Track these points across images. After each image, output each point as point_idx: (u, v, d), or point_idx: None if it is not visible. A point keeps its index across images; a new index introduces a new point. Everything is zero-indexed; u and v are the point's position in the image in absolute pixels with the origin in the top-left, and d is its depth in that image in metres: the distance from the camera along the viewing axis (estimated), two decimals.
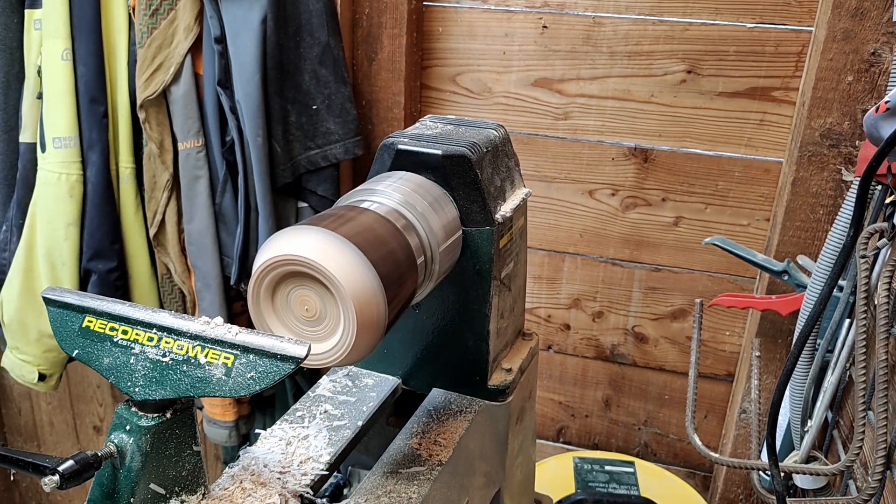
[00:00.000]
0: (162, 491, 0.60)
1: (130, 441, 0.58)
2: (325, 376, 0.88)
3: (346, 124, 1.49)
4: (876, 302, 1.04)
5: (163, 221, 1.50)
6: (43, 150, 1.42)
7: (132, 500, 0.58)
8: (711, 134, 1.52)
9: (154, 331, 0.58)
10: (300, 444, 0.75)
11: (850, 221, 1.00)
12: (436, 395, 0.85)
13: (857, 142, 1.32)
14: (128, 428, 0.58)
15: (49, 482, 0.54)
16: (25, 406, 2.16)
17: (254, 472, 0.68)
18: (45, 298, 0.63)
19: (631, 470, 1.52)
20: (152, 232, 1.50)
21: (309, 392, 0.85)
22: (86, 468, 0.56)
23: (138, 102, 1.41)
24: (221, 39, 1.38)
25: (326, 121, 1.47)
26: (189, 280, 1.55)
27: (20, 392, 2.14)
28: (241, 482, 0.66)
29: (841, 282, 1.21)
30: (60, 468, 0.54)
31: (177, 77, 1.41)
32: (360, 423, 0.79)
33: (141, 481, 0.58)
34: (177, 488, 0.61)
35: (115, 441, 0.58)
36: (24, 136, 1.47)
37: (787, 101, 1.46)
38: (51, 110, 1.40)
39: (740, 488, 1.62)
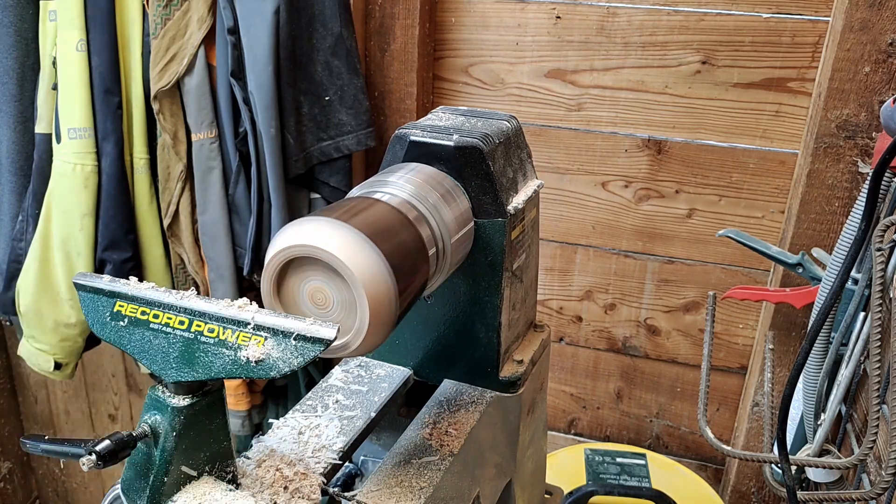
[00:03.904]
0: (194, 473, 0.61)
1: (164, 422, 0.60)
2: (337, 366, 0.88)
3: (358, 115, 1.49)
4: (891, 295, 1.04)
5: (177, 212, 1.51)
6: (58, 140, 1.43)
7: (165, 479, 0.60)
8: (726, 125, 1.51)
9: (185, 314, 0.59)
10: (312, 433, 0.75)
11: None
12: (447, 386, 0.85)
13: (873, 133, 1.30)
14: (161, 409, 0.60)
15: (87, 462, 0.56)
16: (42, 394, 2.18)
17: (282, 458, 0.69)
18: (76, 284, 0.64)
19: (642, 462, 1.51)
20: (166, 223, 1.51)
21: (321, 382, 0.85)
22: (121, 448, 0.57)
23: (152, 93, 1.42)
24: (234, 30, 1.38)
25: (339, 112, 1.47)
26: (202, 270, 1.55)
27: (36, 381, 2.16)
28: (275, 468, 0.67)
29: (856, 275, 1.20)
30: (97, 448, 0.56)
31: (190, 68, 1.42)
32: (371, 414, 0.79)
33: (174, 461, 0.60)
34: (207, 468, 0.63)
35: (149, 422, 0.60)
36: (40, 127, 1.47)
37: (802, 93, 1.45)
38: (66, 101, 1.41)
39: (752, 481, 1.61)
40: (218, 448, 0.63)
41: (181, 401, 0.59)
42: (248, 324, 0.57)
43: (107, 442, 0.57)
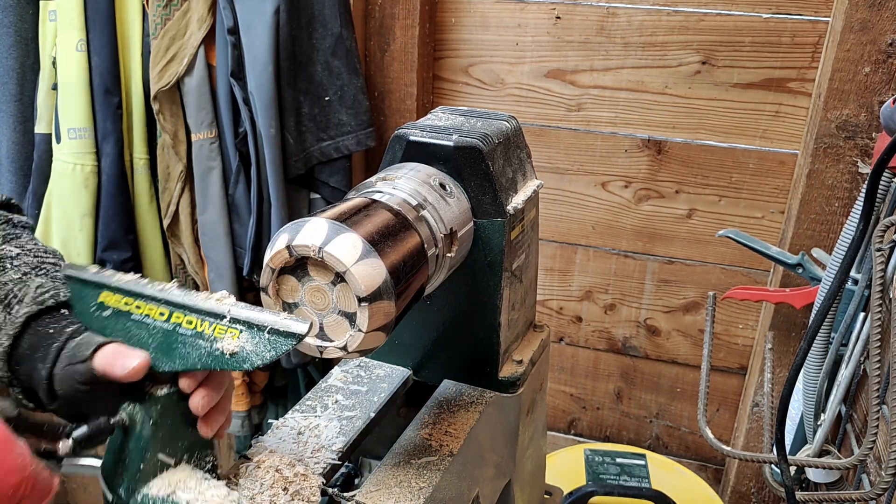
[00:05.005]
0: (170, 461, 0.63)
1: (141, 410, 0.61)
2: (336, 367, 0.88)
3: (358, 115, 1.49)
4: (891, 295, 1.04)
5: (176, 212, 1.51)
6: (58, 140, 1.43)
7: (142, 466, 0.61)
8: (726, 125, 1.51)
9: (165, 306, 0.60)
10: (312, 433, 0.75)
11: None
12: (447, 386, 0.85)
13: (873, 133, 1.30)
14: (139, 398, 0.61)
15: (63, 447, 0.58)
16: None
17: (281, 458, 0.70)
18: (65, 275, 0.65)
19: (642, 462, 1.51)
20: (166, 223, 1.51)
21: (321, 382, 0.85)
22: (97, 434, 0.59)
23: (152, 93, 1.42)
24: (234, 30, 1.38)
25: (339, 112, 1.47)
26: (202, 271, 1.55)
27: None
28: (275, 469, 0.68)
29: (856, 275, 1.20)
30: (74, 434, 0.58)
31: (190, 68, 1.42)
32: (371, 414, 0.79)
33: (150, 449, 0.61)
34: (186, 457, 0.64)
35: (127, 410, 0.61)
36: (40, 127, 1.47)
37: (802, 93, 1.45)
38: (66, 101, 1.41)
39: (752, 481, 1.61)
40: (196, 438, 0.64)
41: (158, 390, 0.61)
42: (225, 317, 0.58)
43: (84, 428, 0.58)
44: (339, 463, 0.72)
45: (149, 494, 0.61)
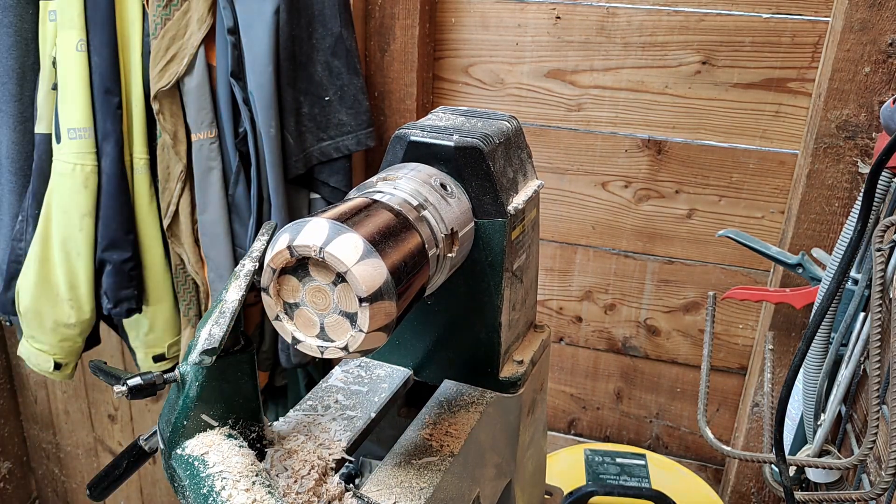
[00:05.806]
0: (214, 423, 0.67)
1: (192, 372, 0.66)
2: (337, 367, 0.88)
3: (358, 115, 1.49)
4: (891, 295, 1.04)
5: (176, 212, 1.51)
6: (58, 141, 1.43)
7: (185, 423, 0.66)
8: (726, 125, 1.51)
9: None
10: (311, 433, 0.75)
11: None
12: (447, 386, 0.85)
13: (873, 134, 1.30)
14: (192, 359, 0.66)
15: (118, 391, 0.65)
16: (41, 394, 2.18)
17: (313, 451, 0.72)
18: None
19: (642, 462, 1.51)
20: (166, 223, 1.51)
21: (321, 382, 0.85)
22: (149, 386, 0.65)
23: (152, 93, 1.42)
24: (234, 30, 1.38)
25: (339, 112, 1.47)
26: (202, 271, 1.55)
27: (36, 381, 2.16)
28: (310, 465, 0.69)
29: (856, 275, 1.20)
30: (129, 382, 0.65)
31: (190, 68, 1.42)
32: (371, 414, 0.79)
33: (194, 409, 0.66)
34: (231, 422, 0.68)
35: (182, 369, 0.67)
36: (40, 127, 1.47)
37: (802, 93, 1.45)
38: (66, 101, 1.41)
39: (752, 481, 1.61)
40: (243, 406, 0.68)
41: (208, 356, 0.65)
42: None
43: (138, 379, 0.65)
44: (341, 462, 0.72)
45: (186, 448, 0.66)
